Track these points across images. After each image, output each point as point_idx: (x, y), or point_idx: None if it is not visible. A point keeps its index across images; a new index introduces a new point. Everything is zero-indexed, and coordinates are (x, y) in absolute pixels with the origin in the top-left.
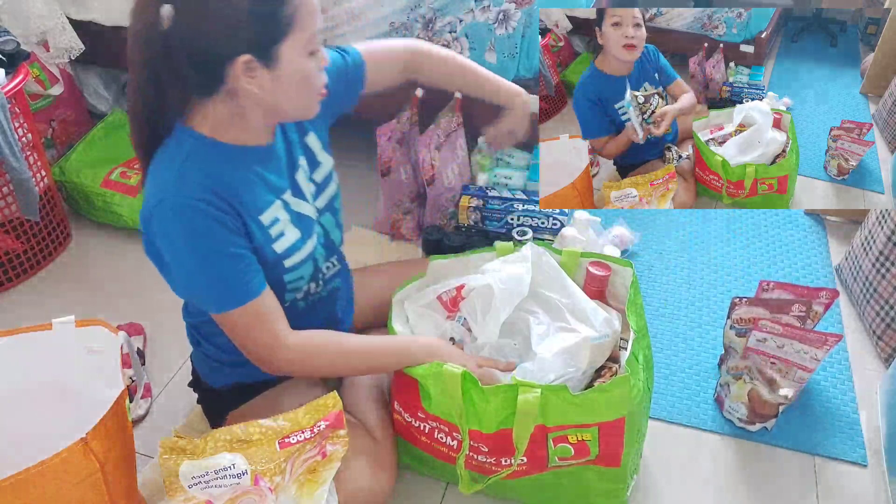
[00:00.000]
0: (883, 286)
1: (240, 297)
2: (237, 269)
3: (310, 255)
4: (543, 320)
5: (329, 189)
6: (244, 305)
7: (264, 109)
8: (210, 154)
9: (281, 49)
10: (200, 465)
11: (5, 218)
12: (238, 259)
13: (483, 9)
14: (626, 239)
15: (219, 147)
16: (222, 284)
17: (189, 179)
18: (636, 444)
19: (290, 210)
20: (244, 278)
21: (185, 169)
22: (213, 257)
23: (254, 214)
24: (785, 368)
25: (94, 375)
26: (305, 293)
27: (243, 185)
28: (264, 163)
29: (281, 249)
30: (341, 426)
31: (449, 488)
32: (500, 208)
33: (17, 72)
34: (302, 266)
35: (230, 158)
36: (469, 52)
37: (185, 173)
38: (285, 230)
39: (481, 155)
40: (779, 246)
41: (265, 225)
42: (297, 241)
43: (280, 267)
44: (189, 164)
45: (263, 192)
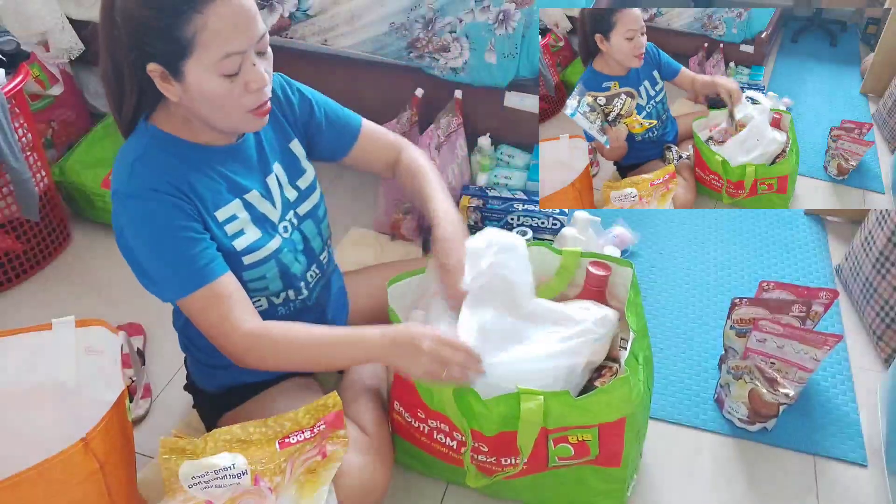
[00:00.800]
0: (883, 286)
1: (195, 281)
2: (189, 254)
3: (271, 255)
4: None
5: (313, 196)
6: (199, 290)
7: (196, 116)
8: (166, 150)
9: (186, 66)
10: (200, 465)
11: (5, 218)
12: (191, 243)
13: (483, 9)
14: (626, 239)
15: (178, 144)
16: (173, 269)
17: (140, 173)
18: (636, 445)
19: (253, 210)
20: (197, 262)
21: (138, 164)
22: (165, 242)
23: (210, 209)
24: (785, 369)
25: (94, 375)
26: (285, 299)
27: (199, 182)
28: (227, 162)
29: (240, 247)
30: (341, 426)
31: (449, 488)
32: (500, 208)
33: (17, 72)
34: (262, 266)
35: (188, 155)
36: (469, 52)
37: (137, 168)
38: (244, 228)
39: (481, 155)
40: (779, 246)
41: (220, 221)
42: (258, 241)
43: (239, 263)
44: (142, 159)
45: (222, 191)
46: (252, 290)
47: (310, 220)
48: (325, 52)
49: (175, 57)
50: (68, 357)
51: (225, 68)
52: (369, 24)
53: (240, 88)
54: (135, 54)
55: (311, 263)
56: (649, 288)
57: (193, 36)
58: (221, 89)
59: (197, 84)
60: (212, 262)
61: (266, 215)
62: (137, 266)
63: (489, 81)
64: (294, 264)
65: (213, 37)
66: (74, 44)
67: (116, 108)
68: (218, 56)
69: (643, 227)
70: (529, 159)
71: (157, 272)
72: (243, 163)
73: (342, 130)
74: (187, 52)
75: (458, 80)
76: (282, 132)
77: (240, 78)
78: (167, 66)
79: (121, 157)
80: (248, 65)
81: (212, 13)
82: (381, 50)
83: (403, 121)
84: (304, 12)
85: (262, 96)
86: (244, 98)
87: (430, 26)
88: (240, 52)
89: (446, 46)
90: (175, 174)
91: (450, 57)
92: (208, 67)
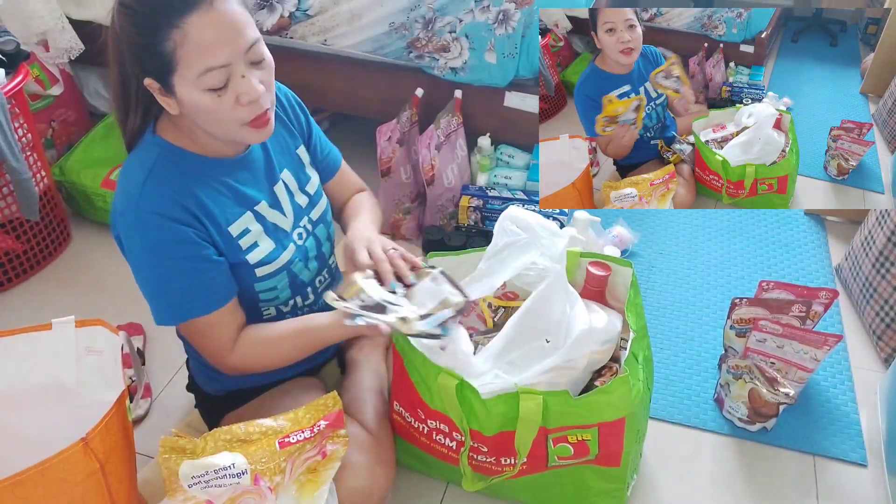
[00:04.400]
0: (883, 286)
1: (185, 313)
2: (187, 287)
3: (283, 266)
4: None
5: (321, 201)
6: (189, 321)
7: (200, 128)
8: (176, 165)
9: (173, 81)
10: (200, 465)
11: (5, 218)
12: (192, 275)
13: (483, 9)
14: (626, 239)
15: (186, 157)
16: (166, 299)
17: (152, 193)
18: (636, 444)
19: (265, 221)
20: (191, 297)
21: (149, 182)
22: (166, 273)
23: (222, 226)
24: (785, 369)
25: (94, 375)
26: (293, 307)
27: (209, 197)
28: (234, 174)
29: (254, 260)
30: (341, 426)
31: (449, 488)
32: (499, 208)
33: (17, 72)
34: (274, 277)
35: (196, 170)
36: (469, 51)
37: (149, 187)
38: (258, 241)
39: (481, 155)
40: (779, 246)
41: (234, 236)
42: (271, 253)
43: (251, 276)
44: (154, 177)
45: (231, 205)
46: (263, 300)
47: (322, 225)
48: (325, 52)
49: (163, 73)
50: (68, 357)
51: (208, 83)
52: (369, 23)
53: (230, 102)
54: (136, 69)
55: (321, 268)
56: (649, 288)
57: (173, 51)
58: (210, 103)
59: (187, 99)
60: (207, 297)
61: (278, 225)
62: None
63: (489, 81)
64: (304, 272)
65: (192, 51)
66: (74, 44)
67: (123, 118)
68: (198, 70)
69: (643, 227)
70: (529, 159)
71: (152, 297)
72: (251, 172)
73: (327, 160)
74: (170, 67)
75: (458, 80)
76: (290, 136)
77: (229, 91)
78: (160, 81)
79: (129, 172)
80: (236, 78)
81: (189, 27)
82: (381, 50)
83: (403, 121)
84: (304, 12)
85: (258, 108)
86: (237, 111)
87: (430, 26)
88: (223, 66)
89: (446, 46)
90: (185, 194)
91: (450, 57)
92: (192, 82)
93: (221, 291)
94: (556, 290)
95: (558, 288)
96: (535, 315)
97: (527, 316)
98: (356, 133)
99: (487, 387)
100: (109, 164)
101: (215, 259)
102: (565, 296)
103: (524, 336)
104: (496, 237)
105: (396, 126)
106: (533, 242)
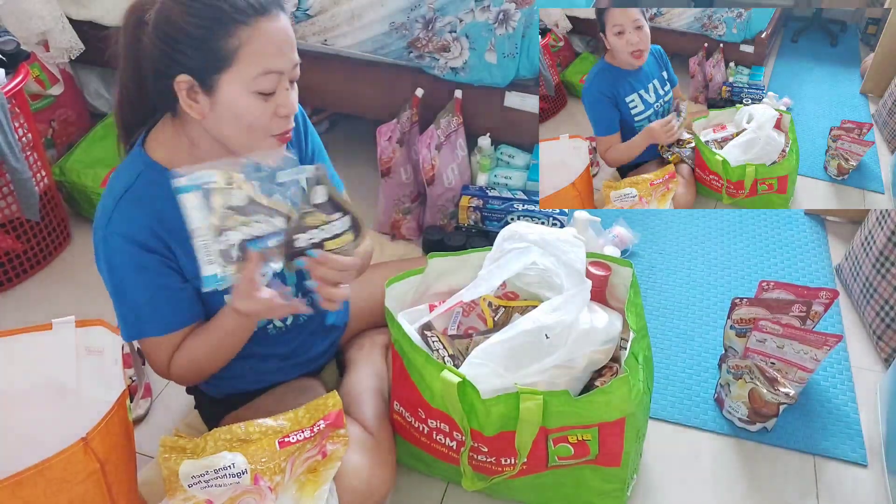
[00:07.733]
0: (883, 286)
1: (137, 332)
2: (144, 308)
3: None
4: None
5: None
6: (141, 339)
7: (210, 139)
8: (158, 185)
9: (220, 79)
10: (200, 465)
11: (5, 218)
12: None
13: (483, 9)
14: (626, 239)
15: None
16: (123, 317)
17: (123, 214)
18: (636, 444)
19: None
20: (143, 318)
21: (124, 202)
22: (124, 293)
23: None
24: (785, 369)
25: (95, 375)
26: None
27: None
28: None
29: None
30: (341, 425)
31: (449, 488)
32: (500, 208)
33: (17, 72)
34: None
35: None
36: (469, 51)
37: (122, 206)
38: None
39: (481, 155)
40: (779, 246)
41: None
42: None
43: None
44: (129, 196)
45: None
46: None
47: None
48: (326, 52)
49: (210, 69)
50: (68, 357)
51: (262, 85)
52: (369, 23)
53: (270, 111)
54: (163, 64)
55: None
56: (649, 288)
57: (236, 49)
58: (254, 107)
59: (229, 100)
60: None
61: None
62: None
63: (489, 81)
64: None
65: (257, 50)
66: (74, 44)
67: (123, 117)
68: (258, 71)
69: (643, 227)
70: (529, 159)
71: (116, 309)
72: None
73: None
74: (225, 64)
75: (458, 80)
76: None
77: (273, 100)
78: (199, 78)
79: (110, 186)
80: (282, 88)
81: (260, 27)
82: (381, 50)
83: (403, 120)
84: (305, 12)
85: (288, 123)
86: (273, 121)
87: (431, 26)
88: (279, 72)
89: (446, 46)
90: (158, 218)
91: (450, 57)
92: (246, 82)
93: (177, 317)
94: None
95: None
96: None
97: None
98: (356, 133)
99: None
100: (109, 164)
101: (177, 286)
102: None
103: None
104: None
105: (396, 126)
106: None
